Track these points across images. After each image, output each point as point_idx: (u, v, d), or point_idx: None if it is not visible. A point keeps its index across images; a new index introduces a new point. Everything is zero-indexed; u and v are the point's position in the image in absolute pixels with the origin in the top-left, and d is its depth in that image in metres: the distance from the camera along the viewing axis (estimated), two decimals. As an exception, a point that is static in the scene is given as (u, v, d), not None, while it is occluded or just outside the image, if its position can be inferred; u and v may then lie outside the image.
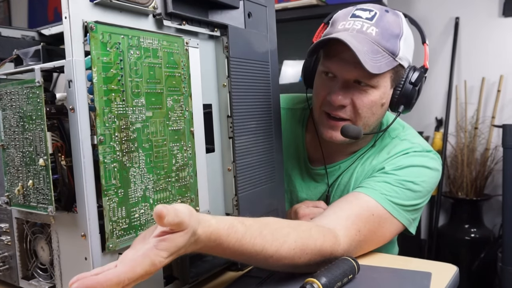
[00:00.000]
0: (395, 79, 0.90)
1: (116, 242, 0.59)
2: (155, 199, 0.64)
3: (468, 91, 2.55)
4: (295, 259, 0.69)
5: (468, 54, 2.56)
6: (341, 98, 0.88)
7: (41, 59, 0.63)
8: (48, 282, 0.65)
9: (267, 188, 0.83)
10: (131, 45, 0.60)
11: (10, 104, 0.61)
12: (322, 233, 0.74)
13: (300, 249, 0.69)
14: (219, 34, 0.75)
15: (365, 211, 0.82)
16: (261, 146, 0.82)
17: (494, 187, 2.49)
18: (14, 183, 0.62)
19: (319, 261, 0.72)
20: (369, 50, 0.84)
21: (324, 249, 0.73)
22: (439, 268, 0.80)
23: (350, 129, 0.88)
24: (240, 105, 0.77)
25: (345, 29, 0.88)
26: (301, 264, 0.70)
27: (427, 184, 0.90)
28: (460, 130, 2.56)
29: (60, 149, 0.58)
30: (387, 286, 0.74)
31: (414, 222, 0.91)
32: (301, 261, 0.70)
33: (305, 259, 0.70)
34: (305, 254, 0.70)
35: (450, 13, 2.57)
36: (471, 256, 2.31)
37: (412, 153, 0.93)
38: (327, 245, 0.73)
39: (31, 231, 0.66)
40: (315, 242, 0.72)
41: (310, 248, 0.70)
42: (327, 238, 0.74)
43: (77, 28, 0.55)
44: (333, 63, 0.89)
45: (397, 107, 0.92)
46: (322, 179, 1.03)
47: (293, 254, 0.68)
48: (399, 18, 0.90)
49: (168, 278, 0.68)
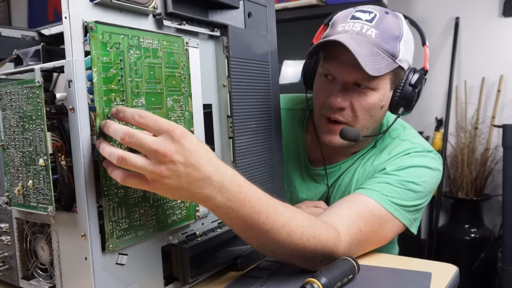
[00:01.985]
0: (395, 81, 0.90)
1: (116, 242, 0.59)
2: (155, 199, 0.64)
3: (468, 91, 2.55)
4: (303, 239, 0.69)
5: (468, 54, 2.55)
6: (340, 100, 0.88)
7: (41, 59, 0.63)
8: (48, 282, 0.65)
9: (267, 188, 0.83)
10: (131, 45, 0.60)
11: (10, 104, 0.61)
12: (325, 225, 0.75)
13: (308, 230, 0.70)
14: (219, 34, 0.75)
15: (366, 212, 0.82)
16: (261, 146, 0.82)
17: (494, 187, 2.49)
18: (14, 183, 0.62)
19: (323, 254, 0.72)
20: (369, 52, 0.84)
21: (329, 240, 0.73)
22: (439, 268, 0.80)
23: (349, 132, 0.88)
24: (240, 105, 0.77)
25: (345, 31, 0.88)
26: (309, 250, 0.71)
27: (428, 184, 0.90)
28: (460, 130, 2.56)
29: (60, 149, 0.58)
30: (387, 286, 0.74)
31: (416, 222, 0.91)
32: (309, 245, 0.70)
33: (312, 243, 0.70)
34: (312, 238, 0.70)
35: (450, 13, 2.57)
36: (471, 256, 2.31)
37: (413, 154, 0.92)
38: (330, 236, 0.74)
39: (31, 231, 0.66)
40: (320, 229, 0.73)
41: (317, 233, 0.71)
42: (330, 230, 0.75)
43: (77, 28, 0.55)
44: (333, 65, 0.89)
45: (396, 109, 0.92)
46: (322, 180, 1.03)
47: (302, 232, 0.69)
48: (399, 19, 0.90)
49: (168, 278, 0.68)
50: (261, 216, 0.64)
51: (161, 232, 0.66)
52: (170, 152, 0.54)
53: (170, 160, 0.54)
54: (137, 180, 0.56)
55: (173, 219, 0.67)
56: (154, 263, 0.66)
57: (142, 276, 0.63)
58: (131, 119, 0.55)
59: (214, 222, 0.76)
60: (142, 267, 0.64)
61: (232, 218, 0.63)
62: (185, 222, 0.70)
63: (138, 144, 0.54)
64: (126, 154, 0.53)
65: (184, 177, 0.56)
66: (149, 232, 0.64)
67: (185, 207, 0.69)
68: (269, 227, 0.66)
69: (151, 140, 0.54)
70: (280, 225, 0.67)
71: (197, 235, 0.71)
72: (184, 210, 0.69)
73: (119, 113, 0.56)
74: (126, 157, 0.53)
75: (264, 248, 0.71)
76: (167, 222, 0.67)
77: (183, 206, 0.69)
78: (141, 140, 0.53)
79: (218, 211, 0.62)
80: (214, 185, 0.59)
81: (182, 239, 0.69)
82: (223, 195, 0.60)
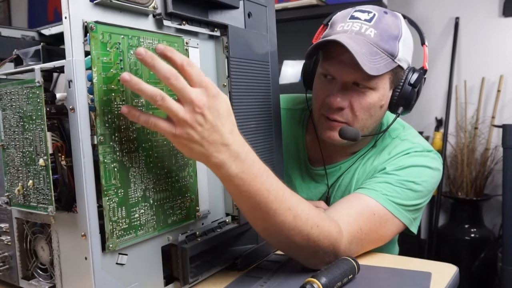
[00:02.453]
0: (394, 81, 0.90)
1: (116, 242, 0.59)
2: (155, 199, 0.64)
3: (468, 91, 2.55)
4: (308, 226, 0.70)
5: (468, 54, 2.56)
6: (339, 100, 0.88)
7: (41, 59, 0.63)
8: (48, 282, 0.65)
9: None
10: (131, 45, 0.60)
11: (10, 104, 0.61)
12: (329, 218, 0.76)
13: (313, 218, 0.71)
14: (219, 34, 0.75)
15: (366, 211, 0.83)
16: (261, 146, 0.82)
17: (494, 187, 2.49)
18: (14, 183, 0.62)
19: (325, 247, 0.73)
20: (368, 52, 0.84)
21: (331, 232, 0.73)
22: (439, 268, 0.80)
23: (348, 131, 0.88)
24: (240, 105, 0.77)
25: (344, 30, 0.88)
26: (312, 240, 0.71)
27: (428, 184, 0.90)
28: (460, 130, 2.56)
29: (60, 149, 0.58)
30: (387, 286, 0.74)
31: (416, 221, 0.91)
32: (312, 234, 0.71)
33: (316, 232, 0.71)
34: (316, 226, 0.71)
35: (450, 13, 2.57)
36: (471, 256, 2.31)
37: (413, 153, 0.93)
38: (333, 230, 0.74)
39: (31, 231, 0.66)
40: (324, 220, 0.73)
41: (321, 223, 0.72)
42: (333, 224, 0.75)
43: (77, 28, 0.55)
44: (332, 65, 0.89)
45: (396, 109, 0.92)
46: (322, 180, 1.03)
47: (307, 218, 0.70)
48: (398, 19, 0.90)
49: (168, 278, 0.68)
50: (270, 194, 0.65)
51: (161, 232, 0.66)
52: (203, 106, 0.57)
53: (201, 113, 0.57)
54: (166, 124, 0.58)
55: (173, 219, 0.67)
56: (154, 263, 0.66)
57: (142, 276, 0.63)
58: (179, 63, 0.58)
59: (214, 222, 0.76)
60: (142, 267, 0.64)
61: (242, 191, 0.64)
62: (185, 222, 0.70)
63: (181, 88, 0.57)
64: (165, 95, 0.56)
65: (207, 134, 0.59)
66: (149, 232, 0.64)
67: (185, 207, 0.69)
68: (277, 207, 0.66)
69: (191, 89, 0.57)
70: (287, 207, 0.68)
71: (197, 235, 0.71)
72: (184, 210, 0.69)
73: (168, 52, 0.58)
74: (165, 96, 0.56)
75: (268, 232, 0.71)
76: (167, 222, 0.67)
77: (183, 206, 0.69)
78: (184, 86, 0.57)
79: (230, 181, 0.63)
80: (231, 153, 0.61)
81: (182, 239, 0.69)
82: (238, 165, 0.62)
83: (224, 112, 0.60)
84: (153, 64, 0.56)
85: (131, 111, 0.58)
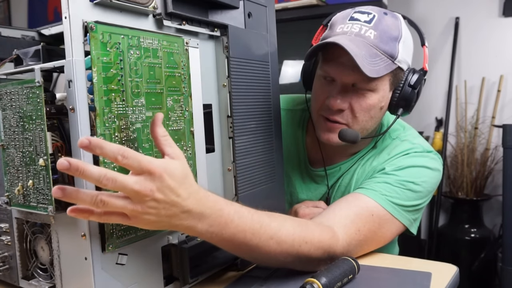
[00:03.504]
0: (394, 82, 0.90)
1: (116, 242, 0.59)
2: (155, 199, 0.64)
3: (468, 91, 2.55)
4: (295, 246, 0.69)
5: (468, 54, 2.55)
6: (339, 102, 0.88)
7: (41, 59, 0.63)
8: (48, 282, 0.65)
9: (267, 188, 0.83)
10: (131, 45, 0.60)
11: (10, 104, 0.61)
12: (319, 226, 0.75)
13: (299, 236, 0.70)
14: (219, 34, 0.75)
15: (364, 211, 0.82)
16: (261, 146, 0.82)
17: (494, 187, 2.49)
18: (14, 183, 0.62)
19: (320, 256, 0.73)
20: (367, 54, 0.83)
21: (323, 242, 0.73)
22: (439, 268, 0.80)
23: (348, 133, 0.88)
24: (240, 105, 0.77)
25: (343, 32, 0.88)
26: (303, 256, 0.71)
27: (428, 184, 0.90)
28: (460, 130, 2.56)
29: (60, 149, 0.58)
30: (387, 286, 0.74)
31: (415, 222, 0.90)
32: (302, 251, 0.70)
33: (305, 248, 0.71)
34: (304, 243, 0.70)
35: (450, 13, 2.57)
36: (471, 256, 2.31)
37: (412, 154, 0.92)
38: (325, 237, 0.74)
39: (31, 231, 0.66)
40: (313, 232, 0.73)
41: (309, 238, 0.71)
42: (325, 231, 0.75)
43: (77, 28, 0.55)
44: (331, 67, 0.88)
45: (396, 110, 0.92)
46: (322, 181, 1.03)
47: (293, 239, 0.69)
48: (398, 20, 0.90)
49: (168, 278, 0.68)
50: (246, 233, 0.65)
51: (161, 232, 0.66)
52: (151, 192, 0.54)
53: (152, 199, 0.54)
54: (119, 217, 0.55)
55: (173, 219, 0.67)
56: (154, 263, 0.66)
57: (142, 276, 0.64)
58: (112, 157, 0.53)
59: (214, 222, 0.76)
60: (142, 267, 0.64)
61: (217, 241, 0.64)
62: (185, 222, 0.70)
63: (122, 187, 0.52)
64: (106, 198, 0.52)
65: (164, 212, 0.56)
66: (149, 232, 0.64)
67: (185, 207, 0.69)
68: (257, 242, 0.66)
69: (132, 181, 0.53)
70: (269, 237, 0.67)
71: (197, 235, 0.71)
72: (184, 210, 0.69)
73: (96, 149, 0.52)
74: (106, 200, 0.52)
75: (258, 260, 0.72)
76: (167, 222, 0.67)
77: (183, 206, 0.69)
78: (123, 183, 0.52)
79: (202, 236, 0.63)
80: (193, 216, 0.59)
81: (182, 239, 0.69)
82: (203, 223, 0.61)
83: (176, 183, 0.56)
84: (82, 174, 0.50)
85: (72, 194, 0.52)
